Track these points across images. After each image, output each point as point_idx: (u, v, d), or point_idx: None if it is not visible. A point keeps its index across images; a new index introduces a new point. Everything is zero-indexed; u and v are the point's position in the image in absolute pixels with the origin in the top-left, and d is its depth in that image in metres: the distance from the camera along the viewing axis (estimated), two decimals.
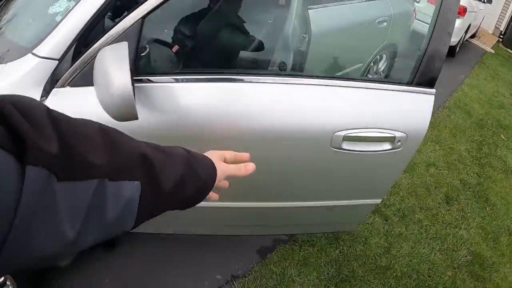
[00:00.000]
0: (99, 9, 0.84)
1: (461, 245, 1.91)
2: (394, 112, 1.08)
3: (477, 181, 2.50)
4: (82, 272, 1.38)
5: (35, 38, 0.89)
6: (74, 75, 0.86)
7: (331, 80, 1.03)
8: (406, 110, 1.08)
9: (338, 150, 1.04)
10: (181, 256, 1.51)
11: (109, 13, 1.11)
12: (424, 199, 2.15)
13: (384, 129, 1.05)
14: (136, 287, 1.43)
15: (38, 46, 0.85)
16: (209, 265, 1.50)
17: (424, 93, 1.06)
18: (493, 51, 7.49)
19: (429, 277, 1.69)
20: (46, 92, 0.86)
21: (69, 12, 0.86)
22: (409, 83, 1.06)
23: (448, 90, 4.09)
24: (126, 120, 0.75)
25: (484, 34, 9.30)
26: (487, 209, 2.27)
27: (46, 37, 0.85)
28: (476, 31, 8.18)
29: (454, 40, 5.33)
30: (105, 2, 0.84)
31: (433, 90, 1.06)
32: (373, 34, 1.74)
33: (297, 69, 1.40)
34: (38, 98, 0.84)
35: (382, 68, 1.87)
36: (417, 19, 2.12)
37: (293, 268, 1.53)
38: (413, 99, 1.07)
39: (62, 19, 0.86)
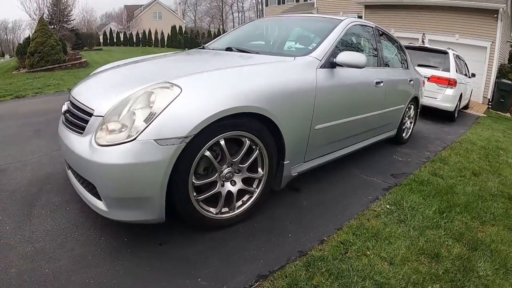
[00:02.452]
0: (333, 41, 2.79)
1: (491, 187, 3.39)
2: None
3: (490, 167, 4.06)
4: (282, 198, 2.61)
5: (296, 53, 2.76)
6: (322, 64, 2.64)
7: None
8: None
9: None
10: (339, 189, 2.96)
11: None
12: (460, 173, 3.70)
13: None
14: (314, 204, 2.60)
15: (309, 54, 2.61)
16: (361, 194, 2.95)
17: None
18: (485, 115, 9.21)
19: (481, 201, 3.14)
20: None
21: (322, 41, 2.76)
22: None
23: (454, 137, 5.66)
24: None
25: (476, 105, 11.08)
26: (501, 177, 3.78)
27: (310, 52, 2.63)
28: (468, 103, 9.62)
29: (451, 106, 6.89)
30: (336, 39, 2.81)
31: None
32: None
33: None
34: (314, 71, 2.53)
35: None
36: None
37: (406, 189, 3.02)
38: None
39: (316, 46, 2.72)
